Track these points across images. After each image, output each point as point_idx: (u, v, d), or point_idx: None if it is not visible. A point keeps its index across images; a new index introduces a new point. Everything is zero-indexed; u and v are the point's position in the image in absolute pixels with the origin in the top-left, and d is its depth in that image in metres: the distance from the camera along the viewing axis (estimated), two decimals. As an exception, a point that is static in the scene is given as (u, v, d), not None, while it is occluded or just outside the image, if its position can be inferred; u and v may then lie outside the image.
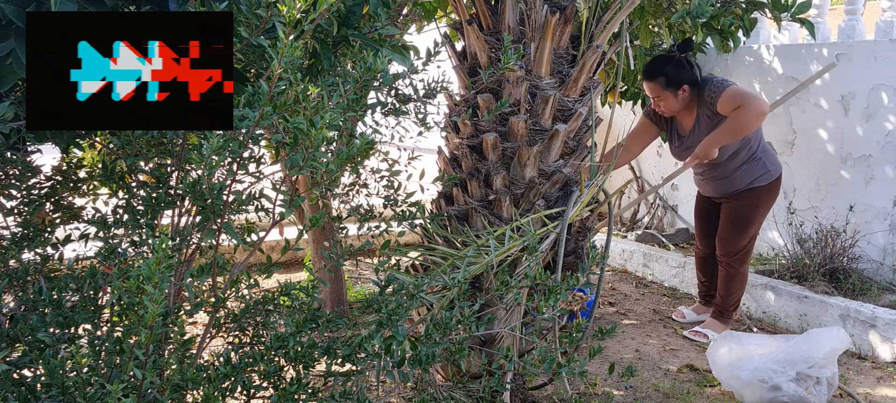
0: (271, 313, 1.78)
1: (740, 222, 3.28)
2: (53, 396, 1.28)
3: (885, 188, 3.70)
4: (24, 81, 1.37)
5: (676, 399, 2.79)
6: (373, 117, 2.35)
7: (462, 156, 2.51)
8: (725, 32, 3.31)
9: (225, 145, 1.37)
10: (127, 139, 1.62)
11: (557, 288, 1.89)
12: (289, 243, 1.56)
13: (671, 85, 3.13)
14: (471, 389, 2.22)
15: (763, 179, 3.24)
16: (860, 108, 3.77)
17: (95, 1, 1.40)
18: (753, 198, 3.26)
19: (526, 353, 2.41)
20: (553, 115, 2.46)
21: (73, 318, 1.46)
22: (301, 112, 1.39)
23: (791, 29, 4.49)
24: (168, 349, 1.48)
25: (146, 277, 1.19)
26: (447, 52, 2.63)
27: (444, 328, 1.72)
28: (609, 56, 2.75)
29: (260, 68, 1.70)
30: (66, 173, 1.90)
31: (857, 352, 3.25)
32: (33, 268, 1.67)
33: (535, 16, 2.40)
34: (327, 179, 1.45)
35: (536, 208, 2.43)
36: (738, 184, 3.25)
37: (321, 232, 3.38)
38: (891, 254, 3.70)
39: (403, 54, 1.94)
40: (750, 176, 3.24)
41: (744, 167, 3.23)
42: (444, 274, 2.14)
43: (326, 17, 1.55)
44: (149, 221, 1.59)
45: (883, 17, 3.91)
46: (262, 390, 1.54)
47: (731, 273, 3.36)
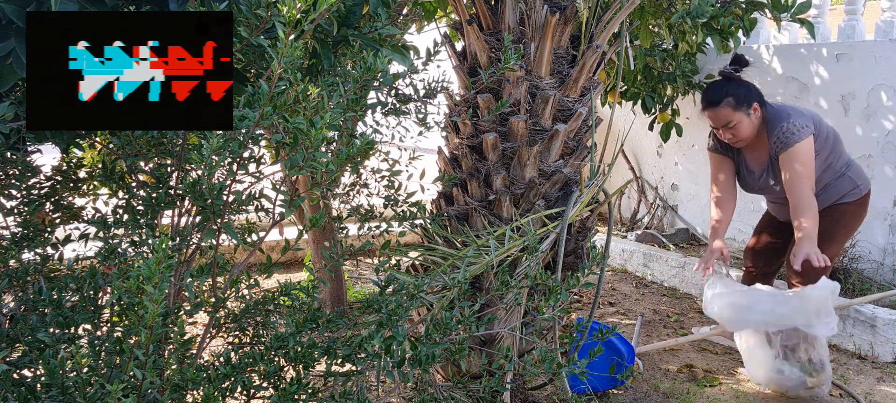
0: (271, 313, 1.78)
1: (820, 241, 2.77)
2: (53, 396, 1.28)
3: (885, 188, 3.70)
4: (24, 81, 1.37)
5: (676, 399, 2.79)
6: (373, 117, 2.35)
7: (462, 156, 2.51)
8: (725, 32, 3.30)
9: (225, 145, 1.37)
10: (127, 139, 1.62)
11: (557, 288, 1.89)
12: (289, 243, 1.56)
13: (741, 105, 2.76)
14: (471, 389, 2.22)
15: (851, 195, 2.89)
16: (860, 108, 3.78)
17: (96, 1, 1.40)
18: (837, 215, 2.88)
19: (526, 353, 2.41)
20: (553, 115, 2.46)
21: (73, 318, 1.46)
22: (301, 112, 1.39)
23: (791, 29, 4.49)
24: (168, 349, 1.48)
25: (146, 277, 1.19)
26: (447, 51, 2.63)
27: (444, 328, 1.72)
28: (609, 56, 2.75)
29: (260, 68, 1.70)
30: (66, 173, 1.89)
31: (857, 352, 3.25)
32: (33, 268, 1.67)
33: (535, 16, 2.40)
34: (327, 179, 1.45)
35: (536, 208, 2.43)
36: (822, 203, 2.84)
37: (321, 232, 3.38)
38: (891, 254, 3.70)
39: (403, 54, 1.94)
40: (836, 193, 2.89)
41: (829, 185, 2.89)
42: (444, 274, 2.14)
43: (326, 16, 1.55)
44: (149, 221, 1.59)
45: (883, 17, 3.91)
46: (262, 390, 1.54)
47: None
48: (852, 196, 2.90)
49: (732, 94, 2.76)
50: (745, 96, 2.77)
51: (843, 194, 2.89)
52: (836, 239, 2.91)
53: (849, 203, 2.90)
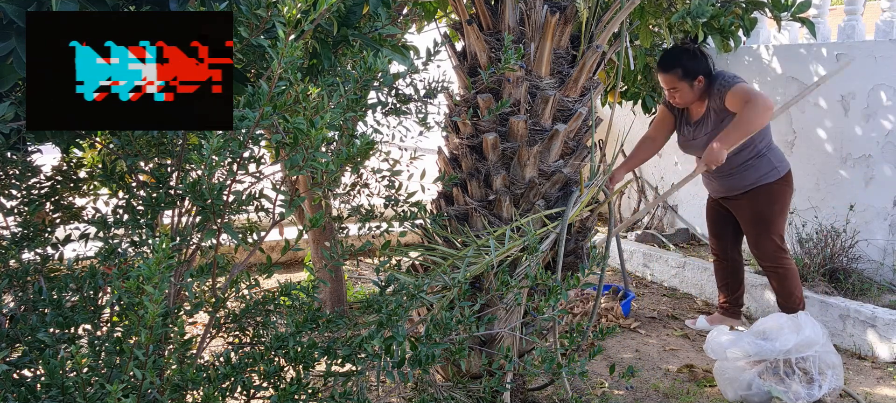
0: (271, 313, 1.78)
1: (760, 223, 3.26)
2: (53, 396, 1.28)
3: (885, 188, 3.70)
4: (24, 81, 1.37)
5: (676, 399, 2.79)
6: (374, 117, 2.35)
7: (462, 156, 2.51)
8: (725, 32, 3.30)
9: (225, 145, 1.37)
10: (127, 139, 1.62)
11: (557, 288, 1.89)
12: (289, 243, 1.56)
13: (687, 76, 3.14)
14: (471, 389, 2.22)
15: (770, 177, 3.20)
16: (860, 108, 3.77)
17: (96, 1, 1.40)
18: (765, 196, 3.23)
19: (526, 353, 2.41)
20: (553, 115, 2.46)
21: (73, 318, 1.46)
22: (301, 112, 1.39)
23: (791, 29, 4.49)
24: (168, 349, 1.48)
25: (146, 277, 1.19)
26: (447, 51, 2.63)
27: (444, 328, 1.72)
28: (609, 56, 2.75)
29: (260, 68, 1.70)
30: (66, 173, 1.90)
31: (857, 352, 3.25)
32: (33, 268, 1.67)
33: (535, 16, 2.40)
34: (327, 179, 1.45)
35: (536, 208, 2.43)
36: (744, 181, 3.22)
37: (321, 232, 3.38)
38: (891, 254, 3.70)
39: (403, 54, 1.94)
40: (755, 173, 3.21)
41: (749, 163, 3.19)
42: (444, 275, 2.14)
43: (326, 16, 1.55)
44: (149, 221, 1.59)
45: (883, 17, 3.91)
46: (262, 390, 1.54)
47: (779, 274, 3.27)
48: (771, 177, 3.20)
49: (682, 66, 3.13)
50: (693, 69, 3.14)
51: (762, 174, 3.20)
52: (772, 216, 3.25)
53: (771, 183, 3.21)
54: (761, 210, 3.24)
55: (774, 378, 2.65)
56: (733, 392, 2.71)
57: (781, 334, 2.68)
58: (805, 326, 2.69)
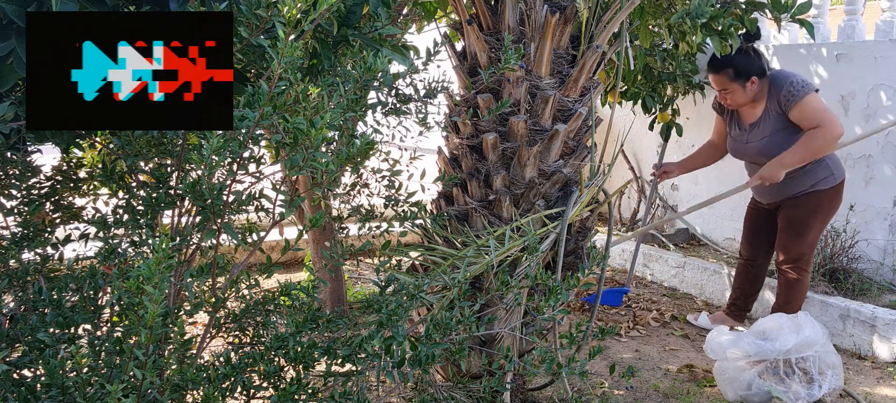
0: (271, 313, 1.78)
1: (797, 228, 3.09)
2: (53, 396, 1.28)
3: (885, 188, 3.70)
4: (24, 81, 1.37)
5: (676, 399, 2.80)
6: (374, 117, 2.35)
7: (462, 156, 2.51)
8: (725, 33, 3.29)
9: (225, 145, 1.37)
10: (127, 139, 1.62)
11: (557, 288, 1.89)
12: (289, 243, 1.56)
13: (739, 76, 3.00)
14: (471, 389, 2.22)
15: (826, 182, 3.05)
16: (860, 108, 3.77)
17: (96, 1, 1.40)
18: (813, 203, 3.06)
19: (526, 353, 2.41)
20: (553, 115, 2.46)
21: (73, 318, 1.46)
22: (301, 112, 1.39)
23: (791, 29, 4.49)
24: (168, 349, 1.48)
25: (146, 277, 1.19)
26: (447, 51, 2.63)
27: (444, 328, 1.72)
28: (609, 56, 2.75)
29: (260, 68, 1.70)
30: (66, 173, 1.89)
31: (857, 352, 3.25)
32: (33, 268, 1.67)
33: (535, 16, 2.40)
34: (327, 179, 1.45)
35: (536, 208, 2.43)
36: (799, 186, 3.05)
37: (321, 232, 3.38)
38: (891, 254, 3.70)
39: (403, 54, 1.94)
40: (812, 178, 3.04)
41: (806, 168, 3.02)
42: (444, 275, 2.14)
43: (326, 16, 1.55)
44: (149, 221, 1.59)
45: (883, 17, 3.91)
46: (262, 390, 1.54)
47: (790, 280, 3.15)
48: (826, 183, 3.05)
49: (734, 66, 3.00)
50: (745, 69, 3.00)
51: (818, 180, 3.05)
52: (812, 225, 3.10)
53: (823, 190, 3.06)
54: (804, 217, 3.08)
55: (774, 379, 2.65)
56: (733, 392, 2.71)
57: (781, 334, 2.68)
58: (805, 326, 2.69)
